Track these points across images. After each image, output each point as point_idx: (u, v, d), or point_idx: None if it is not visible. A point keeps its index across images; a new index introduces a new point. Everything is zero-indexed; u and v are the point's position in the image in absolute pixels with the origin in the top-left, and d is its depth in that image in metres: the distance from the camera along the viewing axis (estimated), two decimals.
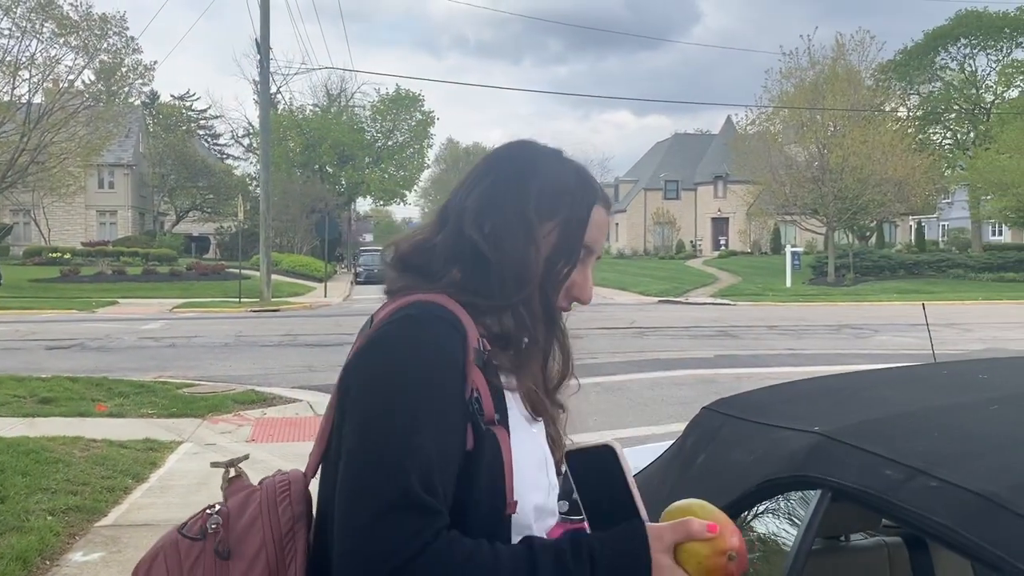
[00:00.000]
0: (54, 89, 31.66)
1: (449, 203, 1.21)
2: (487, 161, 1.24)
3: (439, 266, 1.15)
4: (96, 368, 11.78)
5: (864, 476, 1.30)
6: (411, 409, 0.98)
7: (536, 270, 1.13)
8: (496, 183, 1.19)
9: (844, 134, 33.87)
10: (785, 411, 1.75)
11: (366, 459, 0.97)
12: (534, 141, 1.26)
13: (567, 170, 1.21)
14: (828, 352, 13.91)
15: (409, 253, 1.19)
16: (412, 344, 1.02)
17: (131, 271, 33.84)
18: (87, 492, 5.52)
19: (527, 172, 1.19)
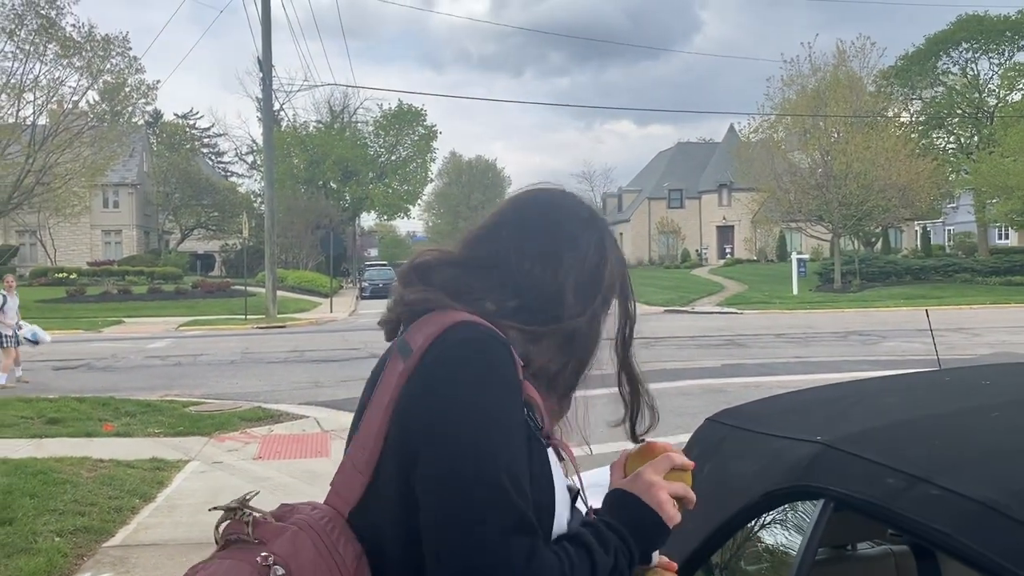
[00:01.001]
0: (58, 110, 31.85)
1: (483, 230, 1.20)
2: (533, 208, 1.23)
3: (475, 287, 1.12)
4: (103, 388, 11.81)
5: (866, 485, 1.29)
6: (501, 430, 0.98)
7: (574, 305, 1.15)
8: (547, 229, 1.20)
9: (847, 140, 33.86)
10: (787, 421, 1.75)
11: (470, 484, 0.95)
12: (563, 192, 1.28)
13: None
14: (836, 359, 13.87)
15: (436, 268, 1.15)
16: (487, 367, 1.01)
17: (136, 290, 33.95)
18: (95, 512, 5.52)
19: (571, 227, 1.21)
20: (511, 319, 1.09)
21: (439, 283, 1.12)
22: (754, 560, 1.90)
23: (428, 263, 1.16)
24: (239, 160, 68.21)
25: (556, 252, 1.15)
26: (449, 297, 1.10)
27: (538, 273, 1.13)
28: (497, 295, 1.11)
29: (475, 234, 1.19)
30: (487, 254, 1.15)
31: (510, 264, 1.13)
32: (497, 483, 0.94)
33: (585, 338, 1.16)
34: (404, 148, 60.79)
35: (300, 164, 55.99)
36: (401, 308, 1.14)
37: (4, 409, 9.33)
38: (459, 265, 1.15)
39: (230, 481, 6.60)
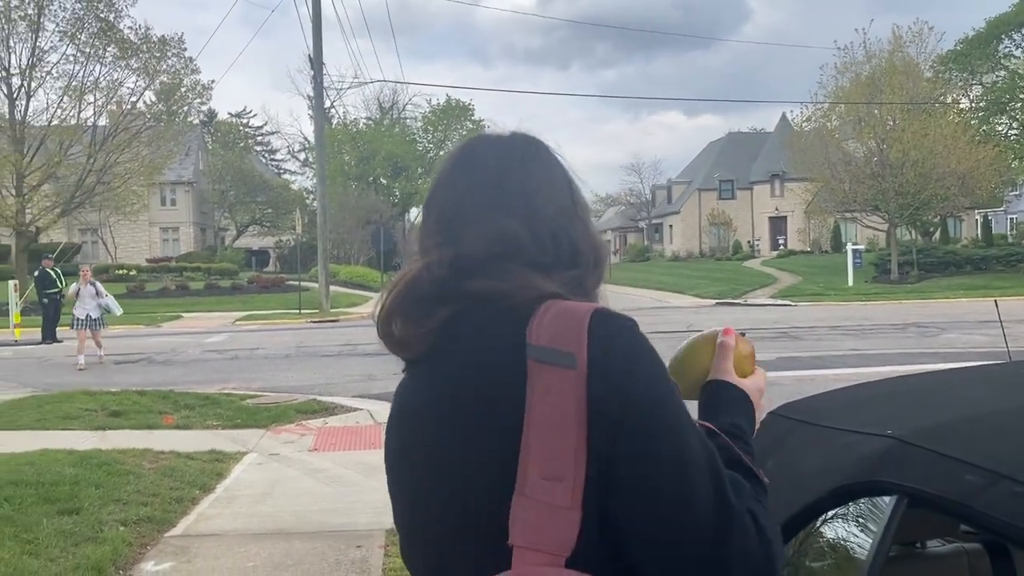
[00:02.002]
0: (117, 111, 32.72)
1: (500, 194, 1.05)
2: (530, 151, 1.11)
3: (544, 260, 1.02)
4: (162, 381, 12.10)
5: (942, 481, 1.25)
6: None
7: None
8: (552, 170, 1.10)
9: (904, 128, 33.04)
10: (855, 414, 1.70)
11: (705, 473, 0.91)
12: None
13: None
14: (894, 352, 13.55)
15: (514, 242, 1.02)
16: (659, 360, 0.97)
17: (194, 286, 34.70)
18: (157, 503, 5.66)
19: (558, 164, 1.13)
20: (573, 291, 1.02)
21: (528, 263, 1.01)
22: (819, 557, 1.85)
23: (510, 238, 1.01)
24: (291, 157, 69.37)
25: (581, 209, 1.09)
26: (543, 277, 0.99)
27: (585, 241, 1.06)
28: (561, 266, 1.03)
29: (465, 218, 1.05)
30: (498, 234, 1.02)
31: (555, 229, 1.04)
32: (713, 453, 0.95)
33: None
34: (452, 143, 61.01)
35: (351, 161, 56.64)
36: (467, 302, 0.99)
37: (69, 402, 9.63)
38: (519, 236, 1.02)
39: (287, 472, 6.71)
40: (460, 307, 0.99)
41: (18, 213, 30.90)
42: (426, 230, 1.08)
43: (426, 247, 1.05)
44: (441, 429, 0.96)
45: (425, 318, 1.00)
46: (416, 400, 1.02)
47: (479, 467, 0.93)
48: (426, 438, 0.98)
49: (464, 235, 1.02)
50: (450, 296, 0.99)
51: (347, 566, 4.58)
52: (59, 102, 31.82)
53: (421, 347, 1.01)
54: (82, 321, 14.34)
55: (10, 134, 31.14)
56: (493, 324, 0.97)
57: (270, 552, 4.81)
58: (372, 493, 6.03)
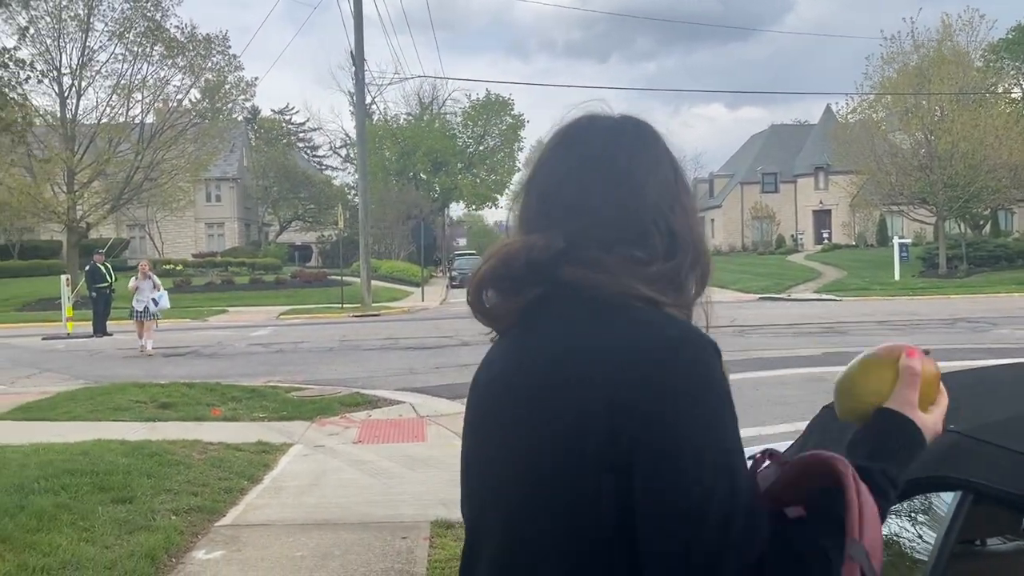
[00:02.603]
0: (164, 109, 33.31)
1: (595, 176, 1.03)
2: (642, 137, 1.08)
3: (640, 252, 1.00)
4: (210, 374, 12.31)
5: (1009, 476, 1.22)
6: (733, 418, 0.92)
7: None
8: (661, 163, 1.06)
9: (953, 119, 32.29)
10: None
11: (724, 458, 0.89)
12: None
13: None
14: (944, 347, 13.26)
15: (611, 229, 1.00)
16: (718, 377, 0.92)
17: (239, 280, 35.23)
18: (207, 493, 5.77)
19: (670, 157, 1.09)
20: (664, 293, 1.00)
21: (624, 258, 0.98)
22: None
23: (602, 225, 1.00)
24: (333, 153, 69.90)
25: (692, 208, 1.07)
26: (631, 275, 0.98)
27: (690, 235, 1.04)
28: (655, 264, 1.00)
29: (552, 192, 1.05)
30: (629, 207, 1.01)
31: (659, 223, 1.02)
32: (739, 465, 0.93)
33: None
34: (492, 138, 61.13)
35: (391, 156, 56.98)
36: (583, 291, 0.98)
37: (121, 394, 9.85)
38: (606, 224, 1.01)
39: (332, 464, 6.79)
40: (550, 289, 0.99)
41: (69, 209, 31.64)
42: (526, 207, 1.07)
43: (526, 224, 1.05)
44: (516, 402, 0.98)
45: (515, 294, 1.01)
46: (494, 369, 1.05)
47: (539, 445, 0.95)
48: (499, 407, 1.01)
49: (563, 217, 1.01)
50: (542, 277, 0.99)
51: (393, 557, 4.63)
52: (108, 100, 32.53)
53: (508, 321, 1.03)
54: (140, 313, 15.45)
55: (61, 132, 31.90)
56: (577, 312, 0.97)
57: (317, 542, 4.88)
58: (416, 485, 6.09)
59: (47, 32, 30.92)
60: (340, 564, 4.52)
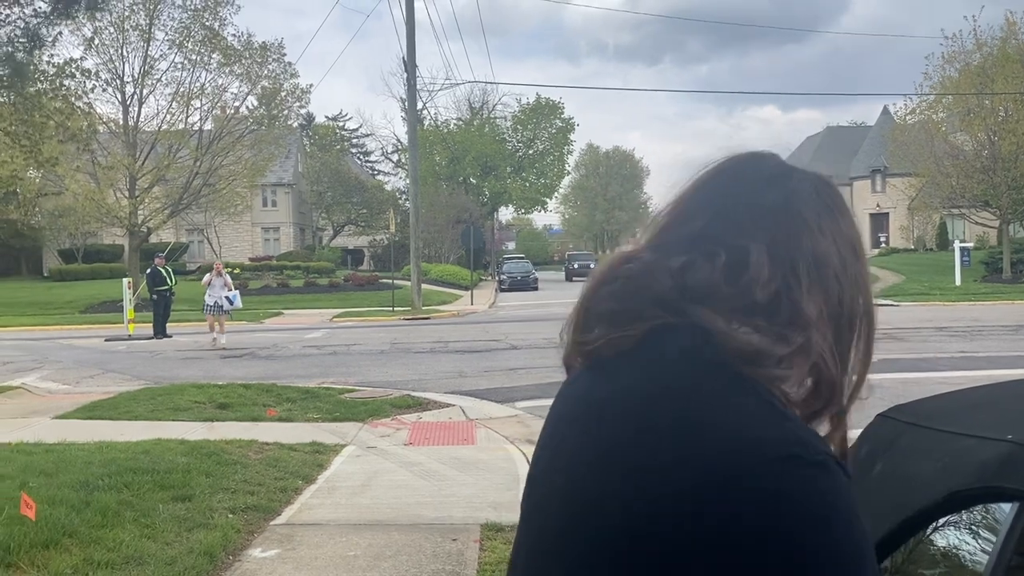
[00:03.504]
0: (222, 115, 34.09)
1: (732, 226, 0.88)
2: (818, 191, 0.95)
3: (784, 330, 0.83)
4: (265, 375, 12.55)
5: None
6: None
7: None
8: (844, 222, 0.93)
9: (1017, 119, 31.35)
10: (971, 418, 1.65)
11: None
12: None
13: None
14: (1007, 354, 12.90)
15: (765, 287, 0.84)
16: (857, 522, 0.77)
17: (293, 283, 35.82)
18: (262, 492, 5.89)
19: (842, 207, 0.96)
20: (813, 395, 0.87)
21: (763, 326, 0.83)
22: (931, 565, 1.80)
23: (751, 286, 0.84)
24: (385, 159, 70.82)
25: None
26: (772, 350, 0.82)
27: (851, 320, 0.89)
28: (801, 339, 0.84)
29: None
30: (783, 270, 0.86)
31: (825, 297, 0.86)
32: None
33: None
34: (541, 142, 61.24)
35: (442, 161, 57.46)
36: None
37: (180, 394, 10.10)
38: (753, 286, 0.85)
39: (384, 465, 6.88)
40: (671, 327, 0.84)
41: (131, 214, 32.56)
42: (671, 227, 0.92)
43: (665, 246, 0.90)
44: (593, 452, 0.84)
45: (634, 321, 0.86)
46: (579, 406, 0.91)
47: (618, 496, 0.80)
48: (576, 453, 0.86)
49: (710, 252, 0.86)
50: (667, 310, 0.85)
51: (443, 558, 4.67)
52: (168, 108, 33.39)
53: (614, 349, 0.88)
54: (211, 308, 17.18)
55: (124, 139, 32.86)
56: (700, 368, 0.82)
57: (370, 542, 4.95)
58: (465, 488, 6.14)
59: (110, 42, 31.91)
60: (392, 565, 4.59)
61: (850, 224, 0.93)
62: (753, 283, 0.84)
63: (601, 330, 0.89)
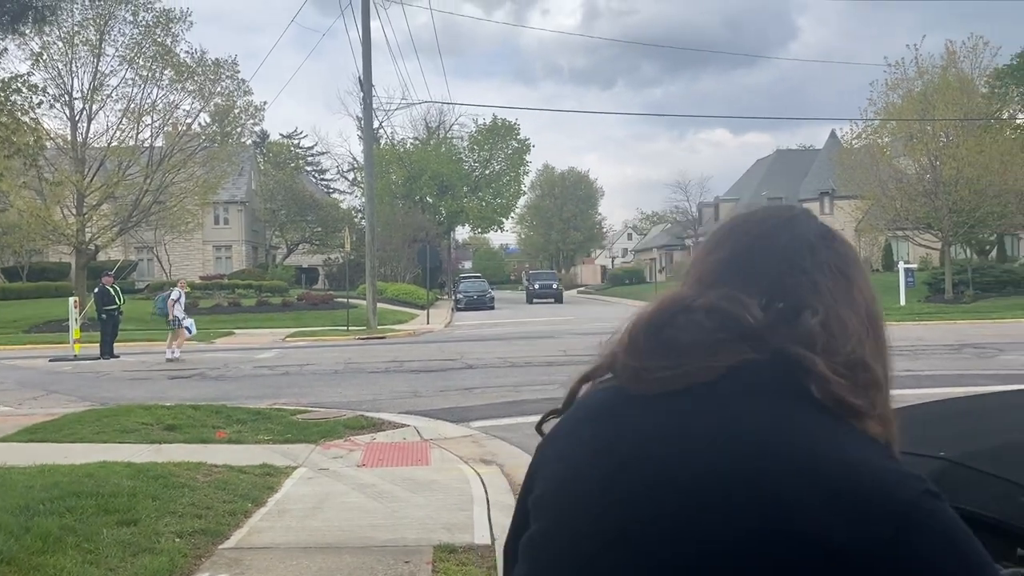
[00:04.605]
0: (173, 132, 33.61)
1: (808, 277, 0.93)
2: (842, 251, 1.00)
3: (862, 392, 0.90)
4: (215, 396, 12.33)
5: (998, 503, 1.25)
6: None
7: None
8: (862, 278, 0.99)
9: (958, 144, 32.38)
10: (907, 436, 1.70)
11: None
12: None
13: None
14: (949, 373, 13.24)
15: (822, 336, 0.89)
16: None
17: (245, 303, 35.30)
18: (211, 516, 5.78)
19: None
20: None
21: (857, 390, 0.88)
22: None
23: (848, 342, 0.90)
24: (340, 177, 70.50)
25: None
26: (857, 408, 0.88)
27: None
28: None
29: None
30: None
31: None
32: None
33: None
34: (498, 162, 61.56)
35: (398, 180, 57.35)
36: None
37: (126, 416, 9.87)
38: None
39: (336, 487, 6.80)
40: (760, 361, 0.87)
41: (78, 232, 31.85)
42: (728, 272, 0.95)
43: (740, 288, 0.92)
44: (685, 496, 0.83)
45: (716, 353, 0.87)
46: (669, 432, 0.88)
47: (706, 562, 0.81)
48: (651, 498, 0.85)
49: (809, 304, 0.90)
50: (758, 346, 0.87)
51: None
52: (118, 124, 32.81)
53: (690, 380, 0.88)
54: (180, 321, 18.65)
55: (72, 155, 32.19)
56: (791, 403, 0.86)
57: (320, 566, 4.88)
58: (419, 509, 6.09)
59: (59, 57, 31.30)
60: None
61: (869, 284, 0.99)
62: (845, 343, 0.88)
63: (674, 359, 0.88)
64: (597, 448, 0.90)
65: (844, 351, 0.88)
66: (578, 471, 0.91)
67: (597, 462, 0.89)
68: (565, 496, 0.91)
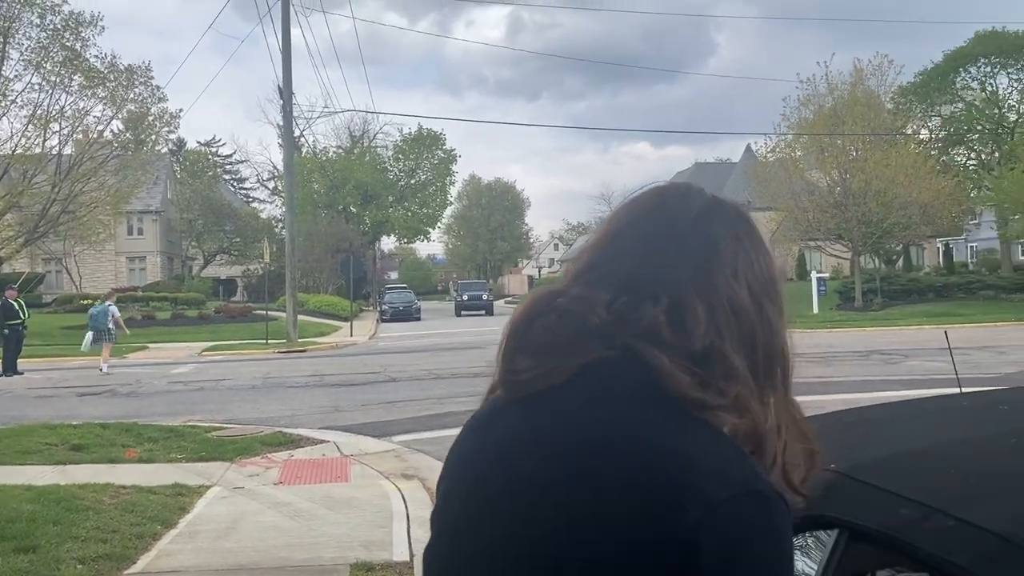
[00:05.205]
0: (84, 140, 32.37)
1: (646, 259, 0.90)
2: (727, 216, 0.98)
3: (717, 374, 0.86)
4: (126, 414, 11.89)
5: (881, 515, 1.28)
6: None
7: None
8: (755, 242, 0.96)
9: (866, 158, 33.70)
10: None
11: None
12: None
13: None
14: (858, 379, 13.72)
15: (691, 321, 0.86)
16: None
17: (160, 316, 34.26)
18: (116, 540, 5.55)
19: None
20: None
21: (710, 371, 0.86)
22: None
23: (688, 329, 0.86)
24: (261, 186, 69.17)
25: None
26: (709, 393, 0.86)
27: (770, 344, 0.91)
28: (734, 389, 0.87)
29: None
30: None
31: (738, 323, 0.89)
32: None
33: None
34: (423, 172, 61.34)
35: (320, 189, 56.59)
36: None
37: (29, 436, 9.42)
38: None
39: (251, 506, 6.62)
40: (607, 360, 0.85)
41: None
42: (599, 263, 0.93)
43: (598, 281, 0.90)
44: (539, 489, 0.83)
45: (570, 353, 0.86)
46: (524, 434, 0.87)
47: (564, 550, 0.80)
48: (513, 491, 0.85)
49: (653, 294, 0.87)
50: (609, 344, 0.85)
51: None
52: (23, 131, 31.43)
53: (548, 381, 0.86)
54: (113, 333, 19.18)
55: None
56: (639, 399, 0.84)
57: None
58: (337, 527, 5.98)
59: None
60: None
61: (767, 264, 0.95)
62: (693, 333, 0.85)
63: (533, 362, 0.87)
64: (470, 460, 0.90)
65: (693, 342, 0.85)
66: (455, 483, 0.91)
67: (465, 474, 0.90)
68: (446, 509, 0.91)
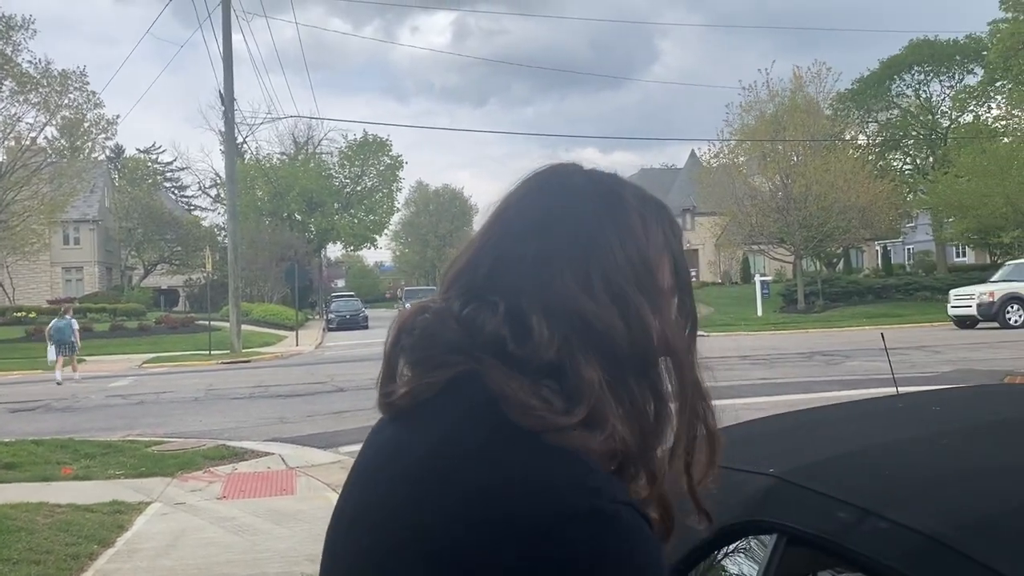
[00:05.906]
0: (15, 147, 31.43)
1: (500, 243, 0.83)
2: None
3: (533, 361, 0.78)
4: (62, 430, 11.54)
5: (817, 519, 1.28)
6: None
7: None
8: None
9: (806, 163, 34.46)
10: (743, 452, 1.74)
11: None
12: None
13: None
14: (801, 380, 13.99)
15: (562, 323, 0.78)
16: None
17: (98, 328, 33.33)
18: (50, 561, 5.36)
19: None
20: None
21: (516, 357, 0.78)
22: None
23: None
24: (202, 194, 67.80)
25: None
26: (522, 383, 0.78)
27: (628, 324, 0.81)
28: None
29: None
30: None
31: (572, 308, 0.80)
32: None
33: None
34: (370, 178, 60.86)
35: (264, 196, 55.74)
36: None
37: None
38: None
39: (193, 522, 6.46)
40: (473, 372, 0.79)
41: None
42: (463, 272, 0.85)
43: (456, 294, 0.84)
44: (383, 500, 0.80)
45: (434, 369, 0.81)
46: (374, 456, 0.85)
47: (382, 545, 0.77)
48: (370, 502, 0.82)
49: (492, 302, 0.80)
50: (468, 357, 0.79)
51: None
52: None
53: (414, 399, 0.82)
54: (72, 346, 19.51)
55: None
56: (489, 412, 0.77)
57: None
58: (282, 541, 5.87)
59: None
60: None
61: (640, 247, 0.84)
62: (538, 343, 0.77)
63: (403, 380, 0.84)
64: (348, 478, 0.88)
65: (539, 353, 0.77)
66: (339, 500, 0.89)
67: (342, 495, 0.88)
68: (330, 526, 0.88)
